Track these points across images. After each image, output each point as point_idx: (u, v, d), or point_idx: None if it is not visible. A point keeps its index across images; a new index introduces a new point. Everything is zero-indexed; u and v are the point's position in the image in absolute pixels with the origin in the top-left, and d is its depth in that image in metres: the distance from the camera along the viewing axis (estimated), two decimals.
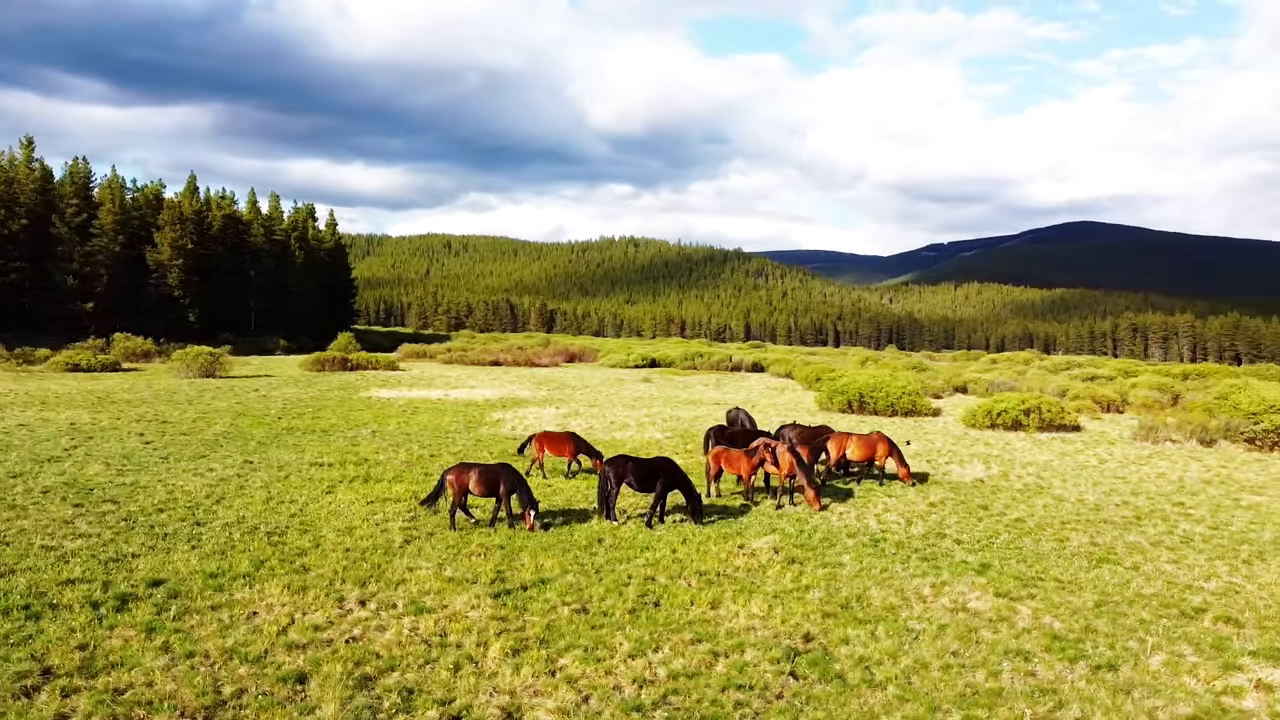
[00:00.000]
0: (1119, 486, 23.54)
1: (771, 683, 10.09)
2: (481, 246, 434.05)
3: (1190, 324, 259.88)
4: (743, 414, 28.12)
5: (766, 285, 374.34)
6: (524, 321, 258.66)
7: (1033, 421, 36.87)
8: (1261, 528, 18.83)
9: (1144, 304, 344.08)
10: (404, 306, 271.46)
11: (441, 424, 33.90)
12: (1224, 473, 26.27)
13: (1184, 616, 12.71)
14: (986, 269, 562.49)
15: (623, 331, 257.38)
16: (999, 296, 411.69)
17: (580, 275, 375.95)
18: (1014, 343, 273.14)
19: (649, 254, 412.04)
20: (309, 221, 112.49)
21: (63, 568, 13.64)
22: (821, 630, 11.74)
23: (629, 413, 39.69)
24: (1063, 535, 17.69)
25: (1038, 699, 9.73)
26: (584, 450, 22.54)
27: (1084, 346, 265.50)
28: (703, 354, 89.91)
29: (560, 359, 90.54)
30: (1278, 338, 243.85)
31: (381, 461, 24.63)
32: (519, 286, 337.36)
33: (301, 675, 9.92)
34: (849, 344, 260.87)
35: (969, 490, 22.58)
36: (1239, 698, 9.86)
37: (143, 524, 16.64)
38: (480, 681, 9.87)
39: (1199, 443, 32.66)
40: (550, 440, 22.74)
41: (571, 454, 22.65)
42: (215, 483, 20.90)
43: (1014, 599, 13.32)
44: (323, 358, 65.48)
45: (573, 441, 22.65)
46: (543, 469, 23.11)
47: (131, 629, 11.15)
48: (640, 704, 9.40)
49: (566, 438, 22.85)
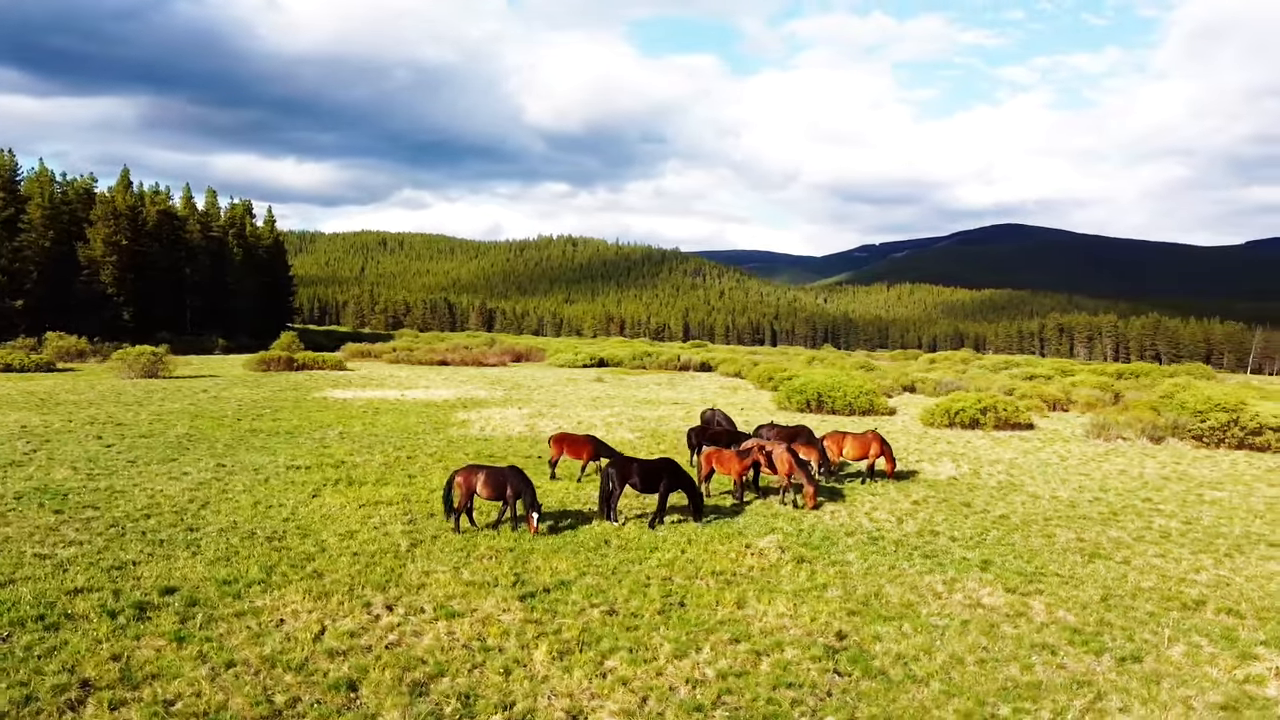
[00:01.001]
0: (1087, 484, 24.32)
1: (818, 680, 10.26)
2: (417, 244, 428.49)
3: (1114, 324, 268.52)
4: (719, 414, 28.31)
5: (704, 285, 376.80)
6: (463, 321, 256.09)
7: (989, 420, 37.82)
8: (1230, 522, 19.65)
9: (1069, 304, 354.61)
10: (339, 305, 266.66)
11: (407, 425, 33.51)
12: (1180, 469, 27.30)
13: (1186, 609, 13.25)
14: (918, 270, 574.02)
15: (562, 330, 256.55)
16: (930, 297, 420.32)
17: (518, 274, 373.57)
18: (945, 342, 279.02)
19: (587, 253, 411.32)
20: (246, 218, 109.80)
21: (64, 576, 13.23)
22: (852, 628, 11.97)
23: (593, 413, 39.68)
24: (1049, 532, 18.25)
25: (1076, 691, 10.08)
26: (603, 452, 22.29)
27: (1013, 346, 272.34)
28: (650, 353, 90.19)
29: (507, 358, 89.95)
30: (1194, 338, 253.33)
31: (359, 464, 24.28)
32: (456, 285, 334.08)
33: (351, 682, 9.80)
34: (786, 343, 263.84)
35: (946, 488, 23.11)
36: (1262, 685, 10.35)
37: (133, 530, 16.19)
38: (535, 685, 9.87)
39: (1149, 440, 33.88)
40: (569, 442, 22.59)
41: (590, 456, 22.39)
42: (194, 487, 20.40)
43: (1024, 594, 13.73)
44: (268, 357, 64.14)
45: (591, 444, 22.48)
46: (553, 469, 23.00)
47: (160, 638, 10.88)
48: (700, 704, 9.50)
49: (585, 440, 22.69)
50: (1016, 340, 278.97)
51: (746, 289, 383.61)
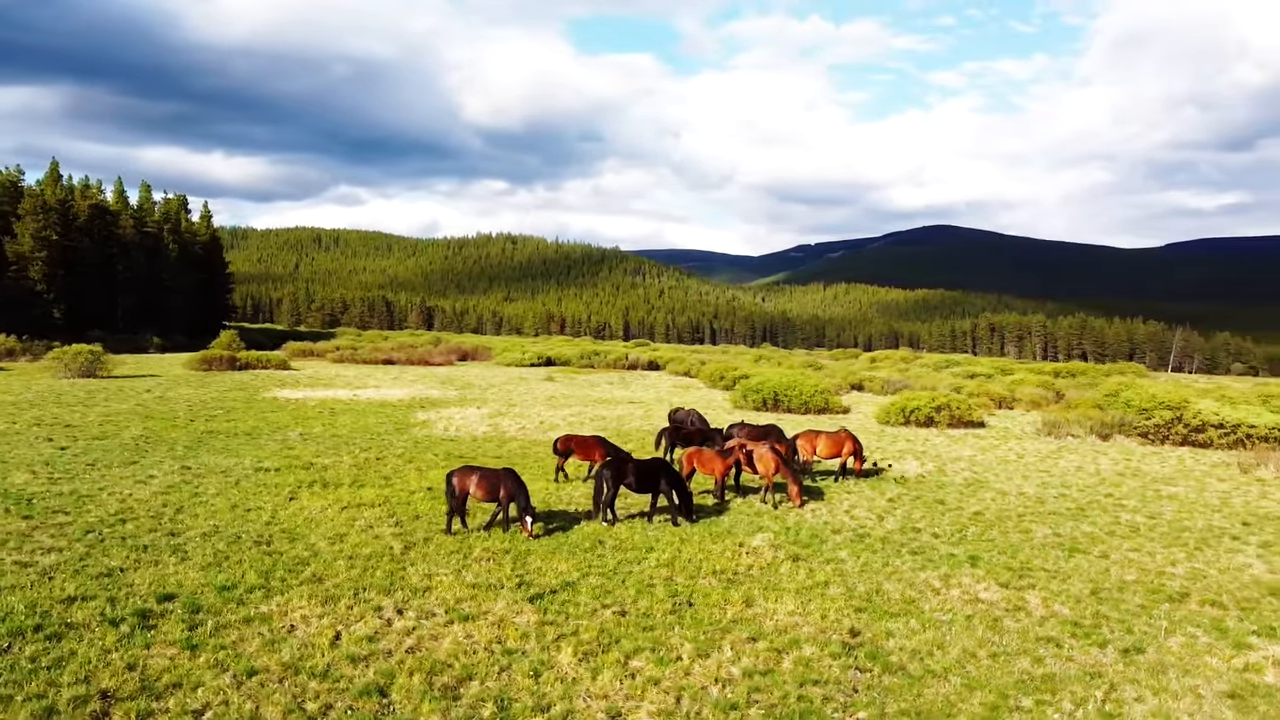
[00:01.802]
0: (1049, 480, 25.02)
1: (840, 677, 10.44)
2: (353, 241, 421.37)
3: (1042, 324, 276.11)
4: (692, 414, 28.46)
5: (644, 284, 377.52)
6: (401, 319, 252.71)
7: (944, 418, 38.65)
8: (1191, 517, 20.40)
9: (999, 304, 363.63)
10: (273, 302, 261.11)
11: (368, 425, 33.05)
12: (1132, 465, 28.24)
13: (1172, 601, 13.76)
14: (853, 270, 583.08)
15: (503, 329, 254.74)
16: (866, 297, 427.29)
17: (457, 272, 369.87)
18: (881, 341, 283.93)
19: (527, 251, 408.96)
20: (181, 213, 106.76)
21: (52, 585, 12.81)
22: (862, 625, 12.19)
23: (553, 412, 39.57)
24: (1024, 528, 18.75)
25: (1090, 683, 10.42)
26: (612, 452, 22.04)
27: (946, 345, 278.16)
28: (598, 352, 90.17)
29: (453, 357, 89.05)
30: (1119, 338, 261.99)
31: (329, 465, 23.91)
32: (394, 283, 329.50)
33: (380, 688, 9.69)
34: (725, 342, 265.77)
35: (916, 485, 23.58)
36: (1260, 674, 10.81)
37: (112, 536, 15.72)
38: (568, 687, 9.87)
39: (1098, 437, 34.97)
40: (577, 443, 22.42)
41: (600, 456, 22.07)
42: (163, 490, 19.87)
43: (1017, 589, 14.12)
44: (209, 356, 62.59)
45: (600, 445, 22.35)
46: (564, 472, 22.85)
47: (171, 646, 10.62)
48: (734, 703, 9.60)
49: (594, 441, 22.56)
50: (950, 339, 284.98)
51: (686, 288, 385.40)
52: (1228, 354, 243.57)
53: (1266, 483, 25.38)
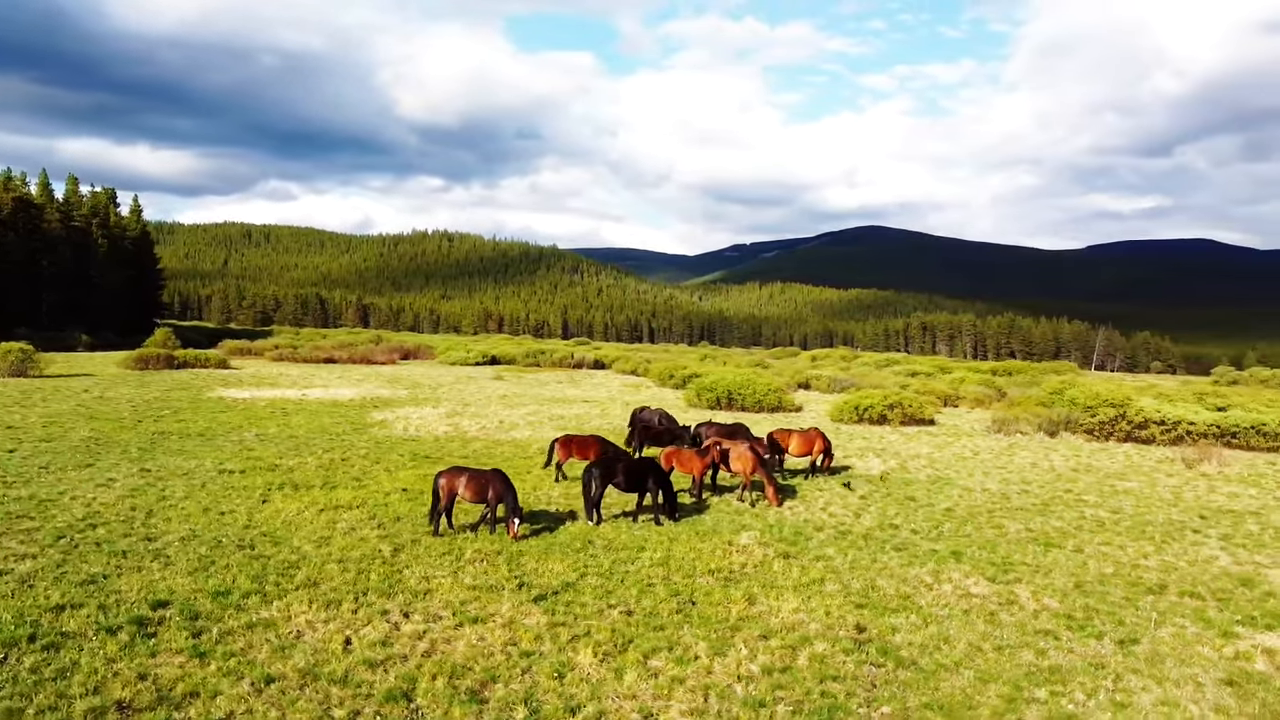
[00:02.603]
0: (1009, 476, 25.67)
1: (856, 672, 10.62)
2: (285, 237, 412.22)
3: (973, 323, 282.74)
4: (660, 413, 28.53)
5: (582, 282, 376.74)
6: (336, 317, 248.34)
7: (896, 416, 39.37)
8: (1150, 511, 21.13)
9: (930, 304, 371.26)
10: (201, 299, 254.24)
11: (324, 426, 32.46)
12: (1083, 462, 29.13)
13: (1153, 593, 14.25)
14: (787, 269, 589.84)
15: (440, 327, 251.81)
16: (801, 296, 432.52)
17: (393, 269, 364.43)
18: (816, 340, 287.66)
19: (464, 249, 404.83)
20: (110, 207, 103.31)
21: (34, 593, 12.37)
22: (867, 621, 12.39)
23: (510, 411, 39.33)
24: (997, 523, 19.22)
25: (1097, 674, 10.76)
26: (613, 453, 21.81)
27: (880, 344, 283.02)
28: (543, 351, 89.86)
29: (396, 356, 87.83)
30: (1045, 336, 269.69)
31: (294, 467, 23.44)
32: (328, 280, 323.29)
33: (404, 693, 9.57)
34: (664, 340, 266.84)
35: (883, 482, 23.97)
36: (1251, 662, 11.28)
37: (84, 542, 15.22)
38: (595, 688, 9.86)
39: (1046, 434, 35.99)
40: (577, 443, 22.25)
41: (598, 455, 21.74)
42: (127, 494, 19.27)
43: (1005, 583, 14.49)
44: (145, 355, 60.78)
45: (599, 444, 22.20)
46: (562, 472, 22.66)
47: (178, 655, 10.34)
48: (762, 700, 9.69)
49: (593, 441, 22.41)
50: (883, 338, 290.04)
51: (624, 286, 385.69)
52: (1147, 353, 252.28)
53: (1212, 477, 26.39)
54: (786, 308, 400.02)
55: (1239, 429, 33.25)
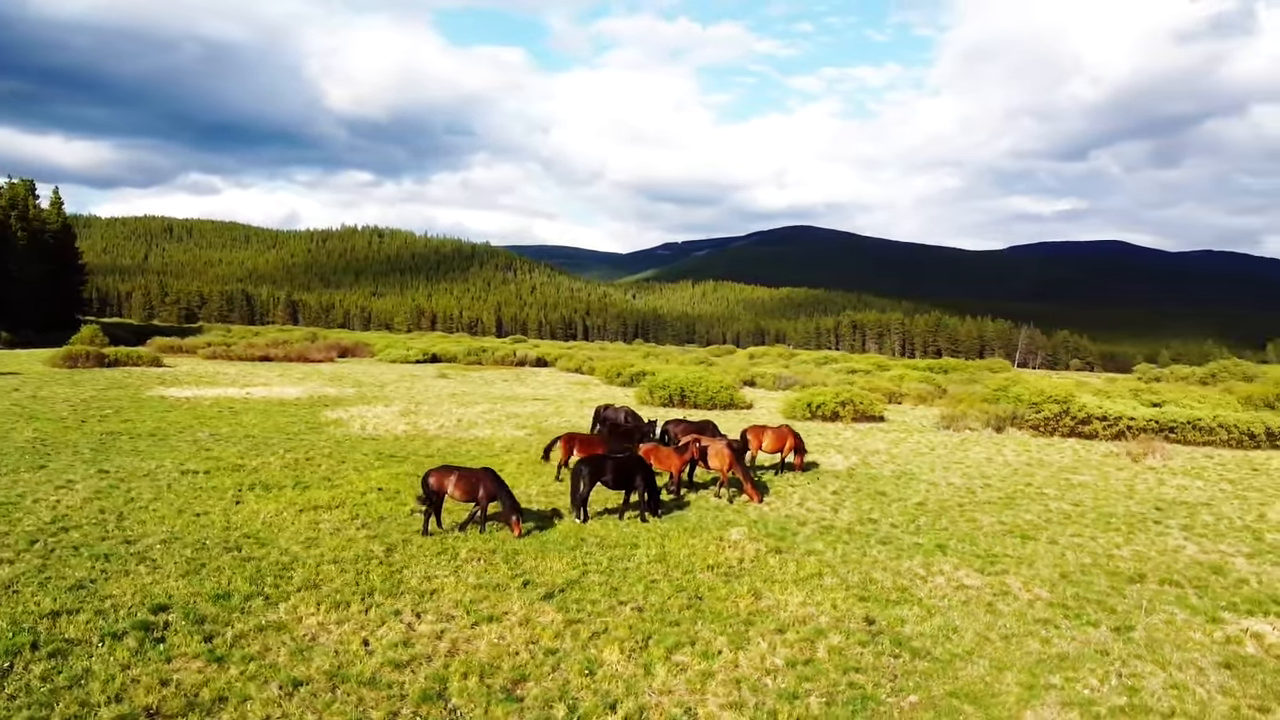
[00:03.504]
0: (969, 471, 26.33)
1: (875, 663, 10.85)
2: (208, 232, 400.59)
3: (901, 322, 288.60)
4: (625, 411, 28.56)
5: (516, 280, 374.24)
6: (263, 314, 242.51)
7: (848, 413, 40.06)
8: (1110, 503, 21.89)
9: (859, 303, 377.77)
10: (121, 296, 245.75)
11: (278, 425, 31.78)
12: (1036, 457, 30.01)
13: (1133, 582, 14.81)
14: (718, 268, 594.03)
15: (371, 325, 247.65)
16: (733, 295, 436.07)
17: (321, 265, 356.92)
18: (749, 338, 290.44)
19: (395, 245, 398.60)
20: (30, 198, 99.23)
21: (23, 599, 11.94)
22: (874, 613, 12.64)
23: (464, 410, 38.95)
24: (970, 517, 19.73)
25: (1104, 660, 11.17)
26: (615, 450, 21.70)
27: (811, 342, 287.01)
28: (485, 349, 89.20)
29: (333, 354, 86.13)
30: (970, 335, 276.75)
31: (258, 467, 22.91)
32: (254, 276, 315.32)
33: (438, 693, 9.49)
34: (598, 338, 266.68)
35: (849, 478, 24.39)
36: (1242, 645, 11.82)
37: (60, 546, 14.71)
38: (628, 684, 9.91)
39: (994, 430, 36.97)
40: (583, 442, 21.97)
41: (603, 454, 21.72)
42: (92, 496, 18.64)
43: (994, 574, 14.91)
44: (74, 353, 58.62)
45: (603, 443, 22.00)
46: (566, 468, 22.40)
47: (195, 660, 10.09)
48: (795, 692, 9.85)
49: (599, 440, 22.22)
50: (814, 336, 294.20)
51: (558, 284, 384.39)
52: (1067, 351, 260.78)
53: (1158, 470, 27.44)
54: (719, 306, 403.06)
55: (1176, 424, 34.61)
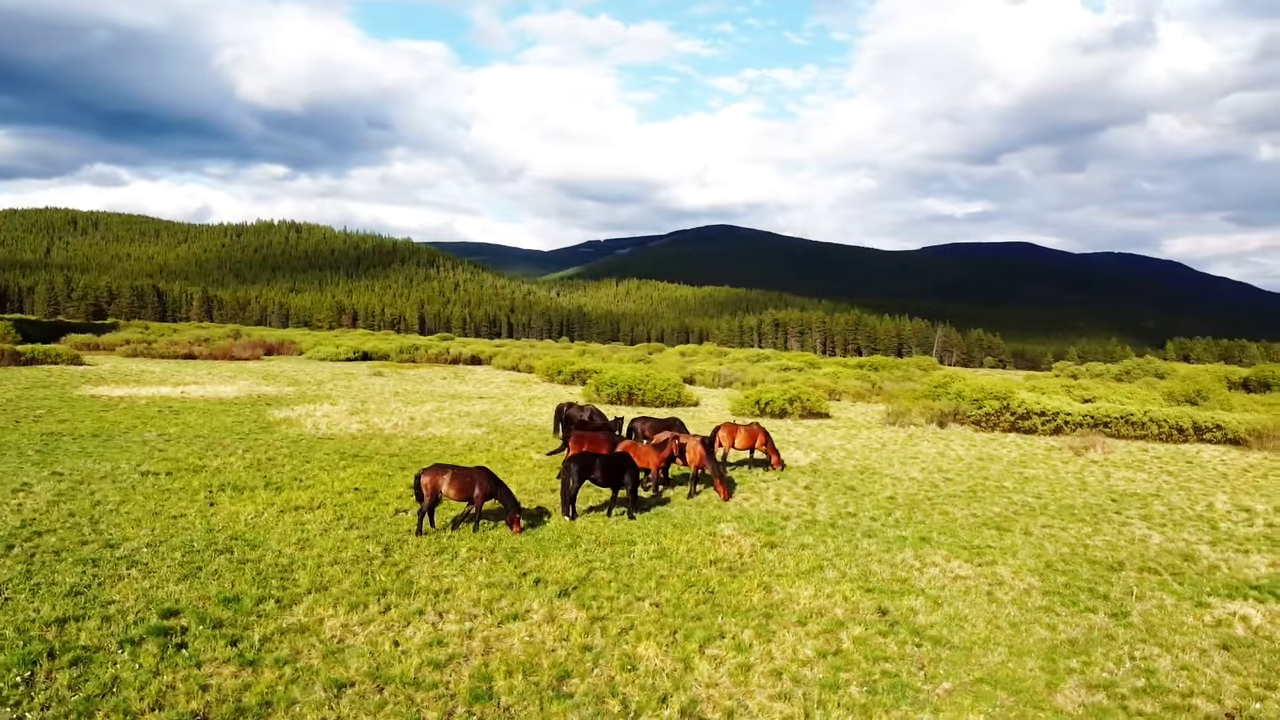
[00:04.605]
0: (927, 465, 27.04)
1: (901, 652, 11.14)
2: (116, 225, 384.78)
3: (822, 320, 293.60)
4: (589, 409, 28.53)
5: (438, 277, 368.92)
6: (175, 310, 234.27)
7: (796, 410, 40.73)
8: (1068, 495, 22.70)
9: (781, 302, 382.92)
10: (23, 291, 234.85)
11: (225, 425, 30.92)
12: (984, 451, 30.94)
13: (1114, 570, 15.45)
14: (641, 266, 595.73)
15: (290, 322, 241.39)
16: (656, 293, 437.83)
17: (236, 261, 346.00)
18: (674, 336, 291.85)
19: (313, 240, 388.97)
20: None
21: (20, 607, 11.47)
22: (886, 604, 12.94)
23: (413, 409, 38.41)
24: (942, 510, 20.28)
25: (1111, 645, 11.66)
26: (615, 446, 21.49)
27: (735, 339, 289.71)
28: (417, 346, 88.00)
29: (259, 351, 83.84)
30: (889, 333, 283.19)
31: (220, 468, 22.28)
32: (165, 271, 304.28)
33: (486, 693, 9.43)
34: (524, 335, 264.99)
35: (814, 474, 24.80)
36: (1232, 628, 12.45)
37: (42, 551, 14.14)
38: (674, 678, 10.00)
39: (937, 426, 38.00)
40: (591, 441, 21.76)
41: (607, 451, 21.42)
42: (55, 499, 17.91)
43: (985, 565, 15.39)
44: None
45: (609, 441, 21.83)
46: None
47: (226, 664, 9.84)
48: (835, 682, 10.06)
49: (605, 438, 21.99)
50: (738, 334, 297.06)
51: (481, 282, 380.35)
52: (981, 349, 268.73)
53: (1102, 464, 28.57)
54: (643, 304, 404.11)
55: (1110, 419, 36.07)
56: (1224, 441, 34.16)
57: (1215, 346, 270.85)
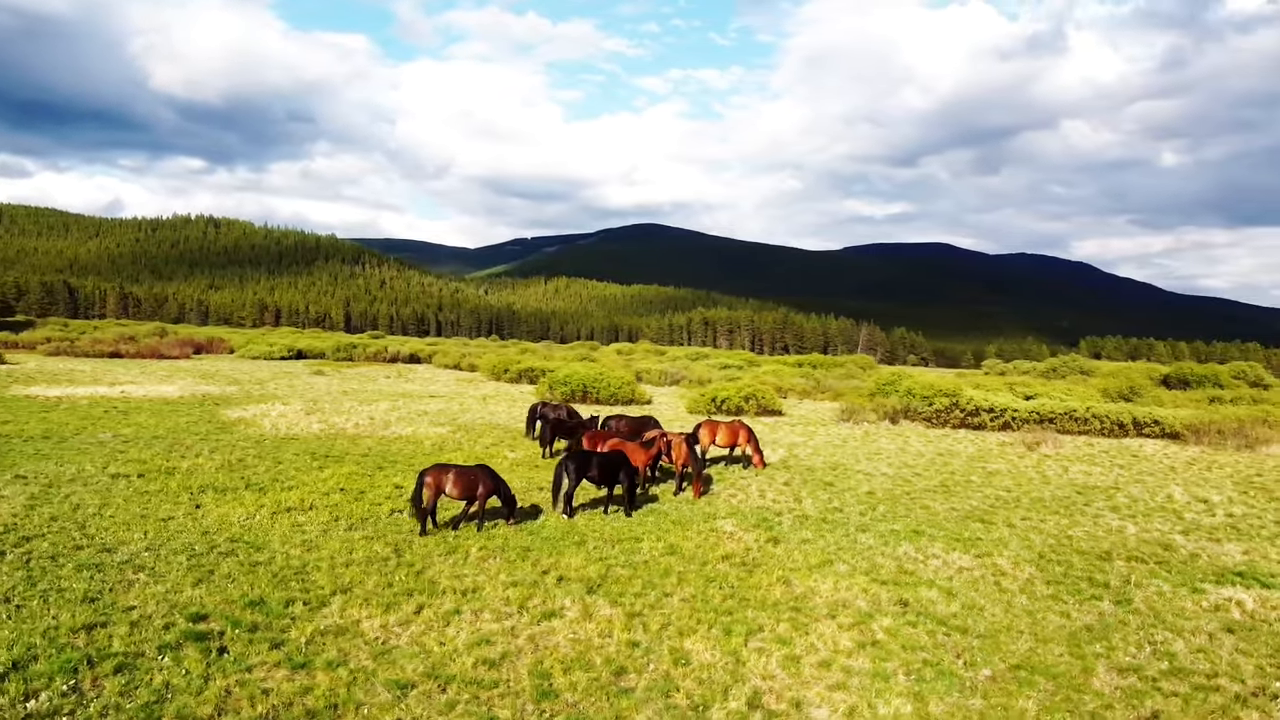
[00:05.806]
0: (892, 461, 27.69)
1: (931, 641, 11.49)
2: (21, 218, 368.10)
3: (750, 319, 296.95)
4: (563, 409, 28.47)
5: (364, 274, 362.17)
6: (88, 307, 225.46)
7: (752, 407, 41.29)
8: (1035, 489, 23.49)
9: (709, 300, 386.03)
10: None
11: (179, 425, 30.07)
12: (942, 447, 31.80)
13: (1103, 559, 16.09)
14: (568, 265, 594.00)
15: (210, 320, 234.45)
16: (585, 291, 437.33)
17: (152, 256, 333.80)
18: (604, 334, 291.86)
19: (232, 236, 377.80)
20: None
21: (36, 615, 11.09)
22: (904, 595, 13.29)
23: (369, 408, 37.84)
24: (924, 504, 20.84)
25: (1126, 630, 12.18)
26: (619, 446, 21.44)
27: (665, 338, 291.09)
28: (355, 345, 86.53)
29: (189, 350, 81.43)
30: (816, 331, 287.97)
31: (193, 469, 21.70)
32: (76, 266, 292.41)
33: (549, 691, 9.46)
34: (452, 334, 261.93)
35: (788, 470, 25.21)
36: (1229, 612, 13.10)
37: (37, 557, 13.66)
38: (731, 671, 10.16)
39: (890, 422, 38.89)
40: (600, 440, 21.62)
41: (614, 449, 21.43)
42: (31, 504, 17.27)
43: (982, 556, 15.88)
44: None
45: (619, 440, 21.62)
46: None
47: (276, 667, 9.69)
48: (884, 673, 10.33)
49: (614, 437, 21.83)
50: (667, 333, 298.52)
51: (408, 279, 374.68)
52: (904, 347, 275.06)
53: (1055, 458, 29.59)
54: (572, 303, 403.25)
55: (1055, 415, 37.37)
56: (1162, 436, 35.65)
57: (1125, 345, 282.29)
